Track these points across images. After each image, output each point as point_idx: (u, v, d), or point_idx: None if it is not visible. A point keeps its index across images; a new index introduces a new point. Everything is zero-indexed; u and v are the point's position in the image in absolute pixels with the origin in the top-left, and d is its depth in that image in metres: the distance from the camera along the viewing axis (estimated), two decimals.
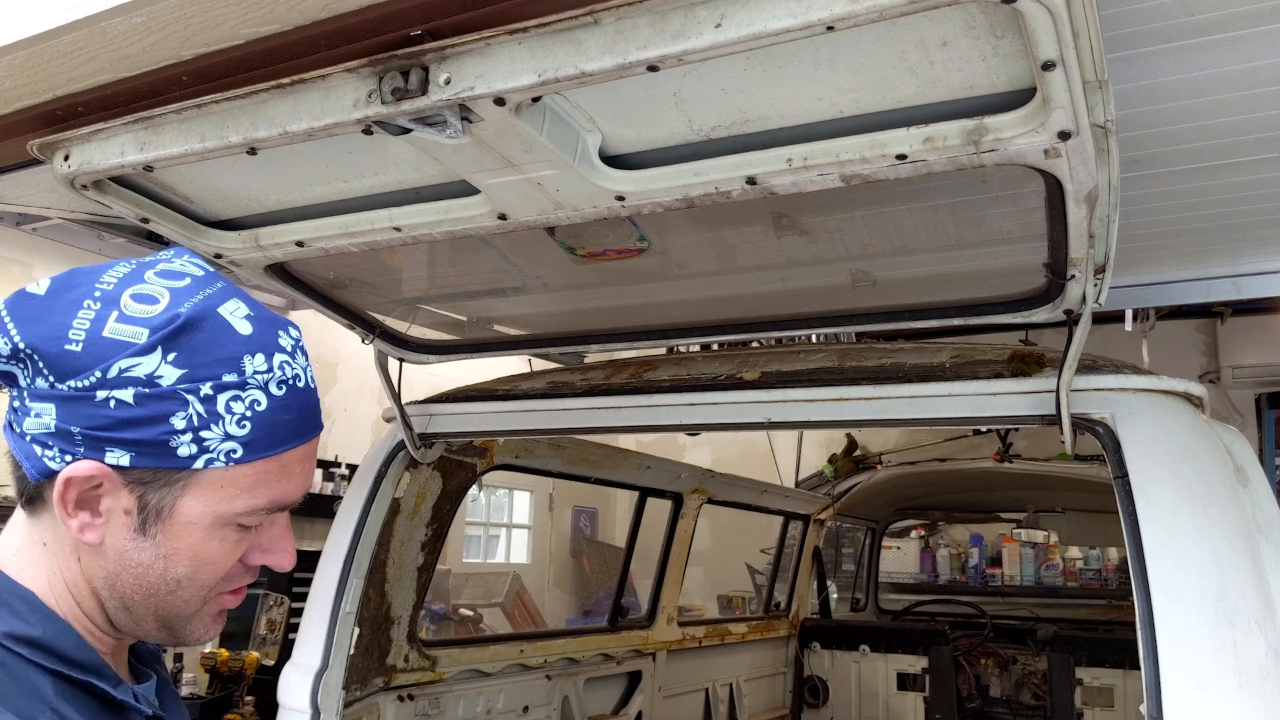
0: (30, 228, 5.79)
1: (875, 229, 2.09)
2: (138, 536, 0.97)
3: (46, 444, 0.94)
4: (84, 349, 0.92)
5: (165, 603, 1.00)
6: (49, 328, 0.93)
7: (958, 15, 1.27)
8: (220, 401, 0.95)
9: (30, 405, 0.94)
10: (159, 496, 0.96)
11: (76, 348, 0.92)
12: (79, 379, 0.92)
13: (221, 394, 0.95)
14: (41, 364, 0.92)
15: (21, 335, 0.93)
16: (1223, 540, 1.89)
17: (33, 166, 1.95)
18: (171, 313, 0.94)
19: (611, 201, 1.71)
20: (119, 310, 0.94)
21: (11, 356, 0.93)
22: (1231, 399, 7.43)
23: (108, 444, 0.93)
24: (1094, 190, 1.61)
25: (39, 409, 0.93)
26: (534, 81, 1.37)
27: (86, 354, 0.92)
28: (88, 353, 0.92)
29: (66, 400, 0.92)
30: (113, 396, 0.92)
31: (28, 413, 0.94)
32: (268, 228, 2.06)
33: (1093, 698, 4.84)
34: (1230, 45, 1.95)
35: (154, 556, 0.98)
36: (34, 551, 0.99)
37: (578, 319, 2.86)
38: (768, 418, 2.50)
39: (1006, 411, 2.25)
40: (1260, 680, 1.77)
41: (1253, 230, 2.89)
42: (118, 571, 0.99)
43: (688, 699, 4.82)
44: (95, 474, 0.94)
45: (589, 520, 11.38)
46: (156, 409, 0.93)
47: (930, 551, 7.53)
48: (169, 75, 1.65)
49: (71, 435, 0.93)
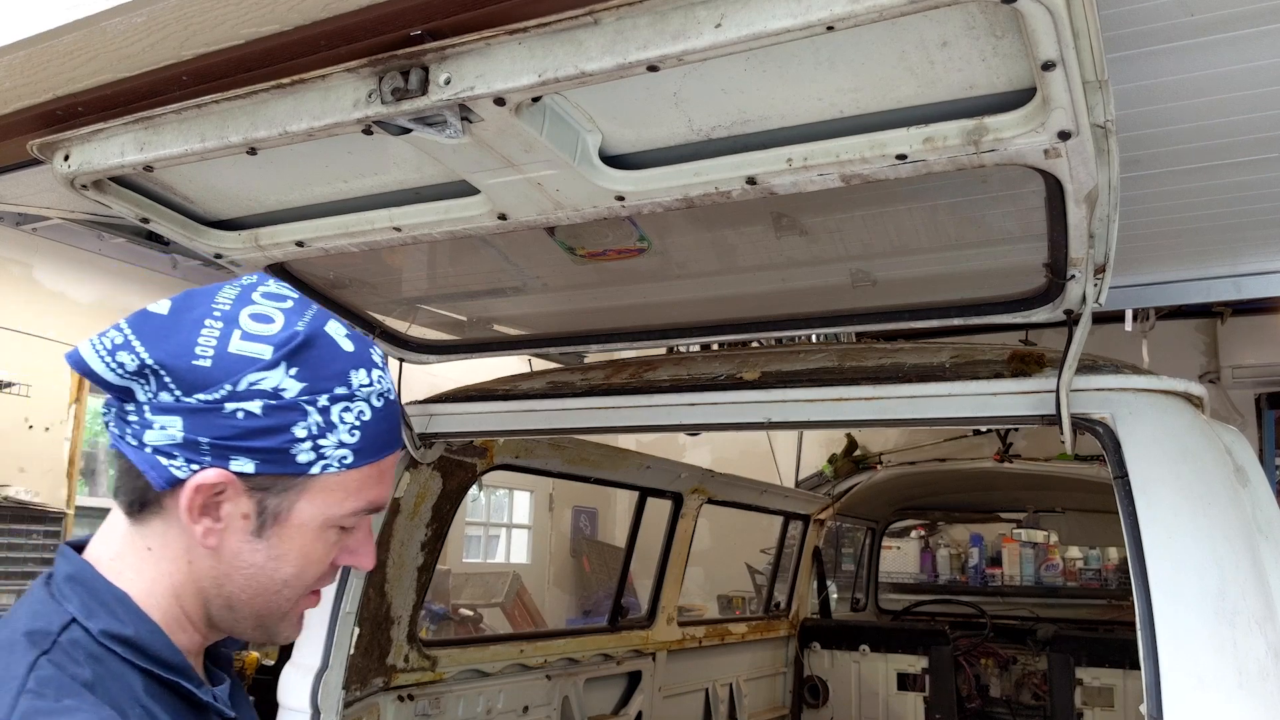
0: (30, 228, 5.80)
1: (875, 229, 2.09)
2: (253, 539, 1.04)
3: (172, 454, 1.00)
4: (213, 364, 0.98)
5: (270, 602, 1.07)
6: (177, 345, 0.99)
7: (958, 15, 1.27)
8: (334, 412, 1.03)
9: (152, 418, 0.99)
10: (277, 501, 1.04)
11: (206, 363, 0.98)
12: (208, 392, 0.98)
13: (335, 405, 1.03)
14: (168, 379, 0.98)
15: (150, 352, 0.98)
16: (1223, 540, 1.88)
17: (33, 166, 1.95)
18: (290, 331, 1.02)
19: (611, 201, 1.71)
20: (240, 329, 1.01)
21: (136, 373, 0.98)
22: (1231, 399, 7.43)
23: (233, 452, 1.00)
24: (1094, 190, 1.61)
25: (163, 421, 0.99)
26: (534, 81, 1.37)
27: (216, 369, 0.98)
28: (217, 368, 0.98)
29: (194, 412, 0.98)
30: (241, 408, 0.99)
31: (149, 425, 1.00)
32: (268, 228, 2.06)
33: (1093, 698, 4.84)
34: (1230, 45, 1.95)
35: (265, 558, 1.05)
36: (136, 556, 1.04)
37: (578, 319, 2.86)
38: (768, 418, 2.50)
39: (1006, 411, 2.25)
40: (1260, 680, 1.77)
41: (1253, 230, 2.89)
42: (229, 573, 1.05)
43: (688, 699, 4.82)
44: (221, 481, 1.00)
45: (589, 520, 11.38)
46: (281, 419, 1.00)
47: (930, 551, 7.53)
48: (169, 75, 1.65)
49: (199, 445, 0.99)
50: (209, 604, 1.06)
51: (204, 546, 1.03)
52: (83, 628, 0.97)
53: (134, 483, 1.03)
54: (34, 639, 0.95)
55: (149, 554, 1.04)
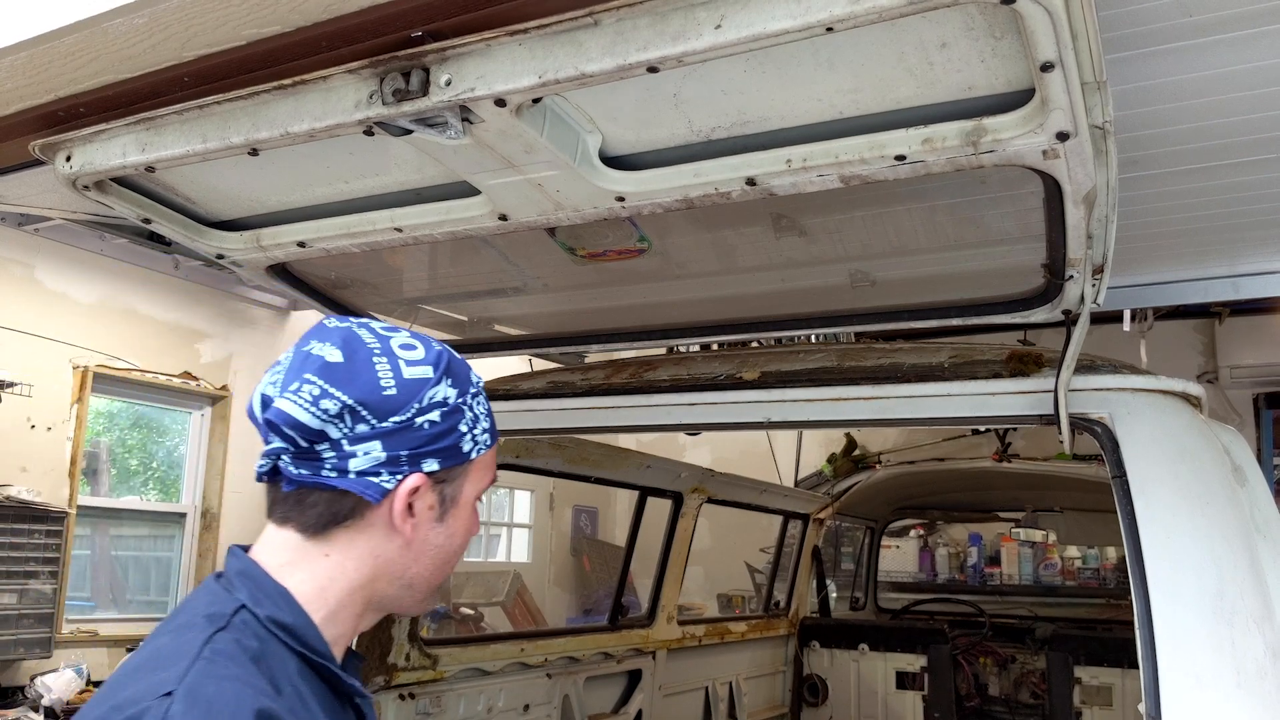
0: (32, 228, 5.80)
1: (874, 229, 2.09)
2: (436, 524, 1.24)
3: (378, 472, 1.18)
4: (398, 391, 1.18)
5: (444, 573, 1.29)
6: (365, 383, 1.16)
7: (957, 16, 1.27)
8: (476, 405, 1.26)
9: (352, 449, 1.17)
10: (452, 488, 1.25)
11: (392, 391, 1.17)
12: (400, 414, 1.17)
13: (475, 399, 1.26)
14: (365, 412, 1.16)
15: (347, 394, 1.15)
16: (1221, 540, 1.89)
17: (34, 167, 1.95)
18: (435, 352, 1.23)
19: (612, 202, 1.72)
20: (402, 359, 1.20)
21: (337, 415, 1.15)
22: (1229, 399, 7.43)
23: (424, 457, 1.20)
24: (1092, 191, 1.62)
25: (364, 448, 1.17)
26: (534, 83, 1.37)
27: (401, 394, 1.18)
28: (402, 393, 1.18)
29: (391, 434, 1.17)
30: (426, 420, 1.19)
31: (351, 455, 1.17)
32: (269, 228, 2.07)
33: (1091, 696, 4.85)
34: (1228, 46, 1.96)
35: (445, 537, 1.26)
36: (311, 562, 1.20)
37: (578, 319, 2.87)
38: (767, 417, 2.50)
39: (1005, 411, 2.26)
40: (1258, 679, 1.77)
41: (1251, 230, 2.90)
42: (416, 557, 1.24)
43: (688, 697, 4.82)
44: (419, 483, 1.20)
45: (589, 519, 11.38)
46: (452, 421, 1.21)
47: (929, 550, 7.53)
48: (171, 76, 1.65)
49: (399, 459, 1.18)
50: (384, 591, 1.24)
51: (406, 540, 1.22)
52: (251, 613, 1.12)
53: (332, 507, 1.19)
54: (212, 619, 1.10)
55: (326, 559, 1.20)
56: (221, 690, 1.00)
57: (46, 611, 5.69)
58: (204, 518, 6.96)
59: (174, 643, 1.07)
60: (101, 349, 6.26)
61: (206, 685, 1.00)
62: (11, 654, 5.52)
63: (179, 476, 7.04)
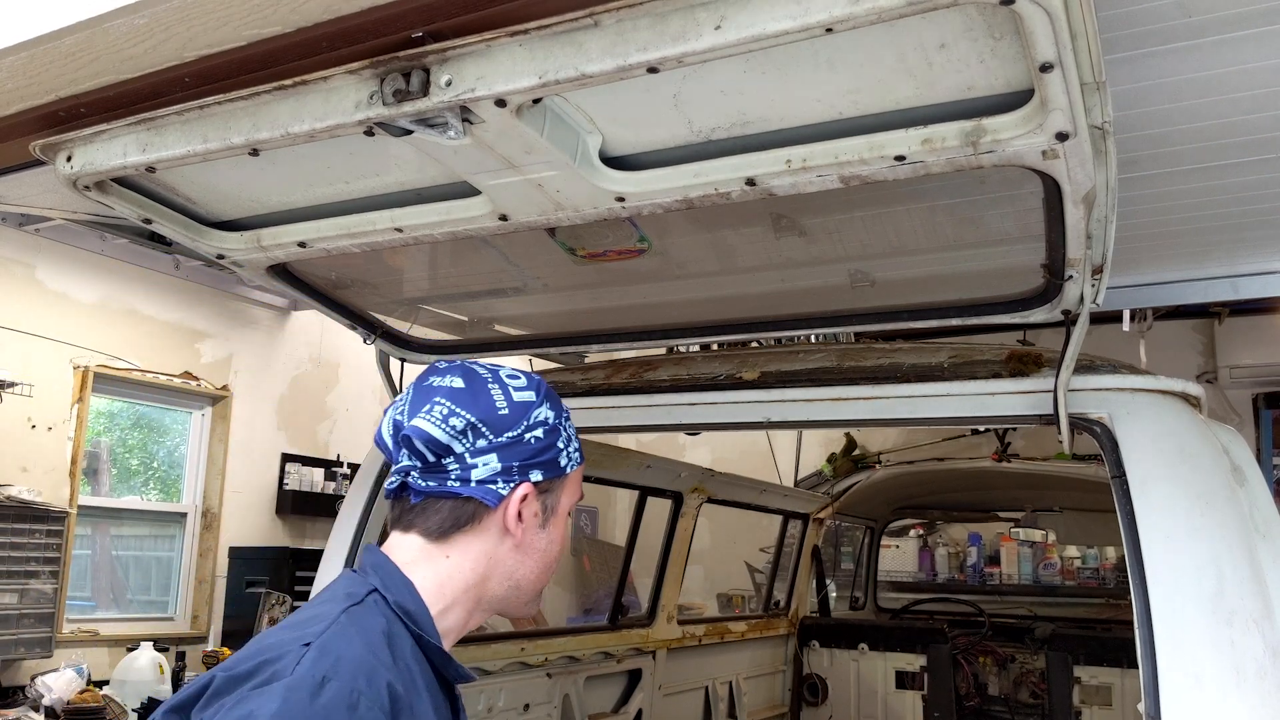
0: (33, 228, 5.80)
1: (874, 230, 2.09)
2: (540, 531, 1.42)
3: (495, 480, 1.36)
4: (509, 411, 1.37)
5: (546, 577, 1.45)
6: (485, 405, 1.36)
7: (956, 17, 1.28)
8: (569, 426, 1.45)
9: (474, 461, 1.35)
10: (554, 499, 1.43)
11: (505, 411, 1.37)
12: (512, 430, 1.36)
13: (567, 421, 1.45)
14: (484, 429, 1.35)
15: (471, 414, 1.35)
16: (1220, 540, 1.89)
17: (35, 167, 1.95)
18: (535, 380, 1.43)
19: (612, 202, 1.72)
20: (509, 385, 1.39)
21: (462, 431, 1.34)
22: (1229, 399, 7.43)
23: (531, 468, 1.38)
24: (1091, 191, 1.62)
25: (484, 460, 1.35)
26: (534, 83, 1.37)
27: (512, 414, 1.37)
28: (513, 413, 1.37)
29: (505, 447, 1.36)
30: (533, 435, 1.38)
31: (473, 466, 1.35)
32: (270, 228, 2.07)
33: (1090, 696, 4.85)
34: (1228, 47, 1.96)
35: (547, 543, 1.43)
36: (432, 562, 1.36)
37: (578, 319, 2.87)
38: (767, 417, 2.51)
39: (1004, 411, 2.26)
40: (1258, 679, 1.78)
41: (1250, 230, 2.90)
42: (524, 559, 1.41)
43: (687, 697, 4.83)
44: (529, 491, 1.38)
45: (589, 519, 11.39)
46: (553, 438, 1.40)
47: (929, 550, 7.53)
48: (171, 76, 1.65)
49: (511, 469, 1.36)
50: (494, 591, 1.40)
51: (516, 542, 1.39)
52: (382, 595, 1.30)
53: (455, 513, 1.36)
54: (350, 597, 1.28)
55: (447, 560, 1.37)
56: (351, 650, 1.17)
57: (47, 611, 5.69)
58: (204, 518, 6.96)
59: (317, 611, 1.25)
60: (102, 349, 6.26)
61: (339, 643, 1.17)
62: (12, 654, 5.52)
63: (179, 476, 7.05)
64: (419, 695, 1.23)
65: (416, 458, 1.34)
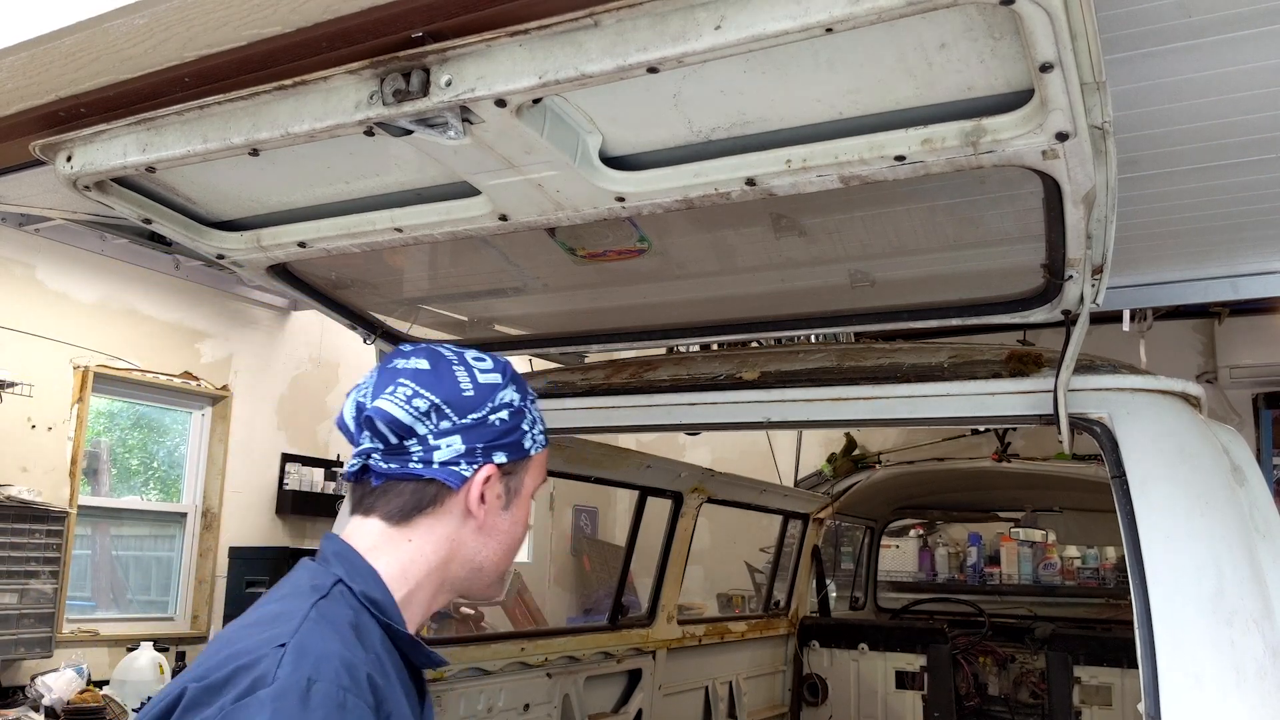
0: (33, 228, 5.80)
1: (874, 230, 2.09)
2: (503, 512, 1.40)
3: (457, 462, 1.34)
4: (475, 393, 1.36)
5: (508, 559, 1.43)
6: (449, 386, 1.35)
7: (956, 17, 1.28)
8: (534, 409, 1.44)
9: (437, 442, 1.33)
10: (517, 480, 1.41)
11: (470, 393, 1.36)
12: (476, 412, 1.35)
13: (533, 404, 1.44)
14: (448, 410, 1.34)
15: (435, 394, 1.33)
16: (1220, 540, 1.89)
17: (35, 167, 1.95)
18: (501, 363, 1.42)
19: (612, 202, 1.72)
20: (474, 367, 1.38)
21: (426, 412, 1.32)
22: (1229, 399, 7.43)
23: (495, 450, 1.36)
24: (1091, 191, 1.62)
25: (447, 441, 1.33)
26: (534, 83, 1.37)
27: (477, 395, 1.36)
28: (478, 394, 1.36)
29: (469, 429, 1.35)
30: (498, 417, 1.37)
31: (436, 448, 1.33)
32: (270, 228, 2.07)
33: (1090, 696, 4.85)
34: (1228, 46, 1.96)
35: (510, 524, 1.41)
36: (394, 546, 1.35)
37: (578, 319, 2.87)
38: (767, 417, 2.51)
39: (1004, 411, 2.26)
40: (1258, 679, 1.77)
41: (1250, 230, 2.90)
42: (487, 541, 1.39)
43: (687, 697, 4.82)
44: (492, 472, 1.37)
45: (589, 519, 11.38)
46: (517, 420, 1.39)
47: (929, 550, 7.53)
48: (171, 76, 1.65)
49: (475, 451, 1.35)
50: (457, 573, 1.39)
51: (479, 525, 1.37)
52: (346, 586, 1.28)
53: (417, 495, 1.35)
54: (315, 589, 1.25)
55: (409, 544, 1.35)
56: (329, 647, 1.15)
57: (47, 611, 5.69)
58: (204, 517, 6.96)
59: (283, 608, 1.22)
60: (102, 349, 6.26)
61: (314, 642, 1.14)
62: (12, 654, 5.52)
63: (179, 476, 7.05)
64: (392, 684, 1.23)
65: (379, 439, 1.33)
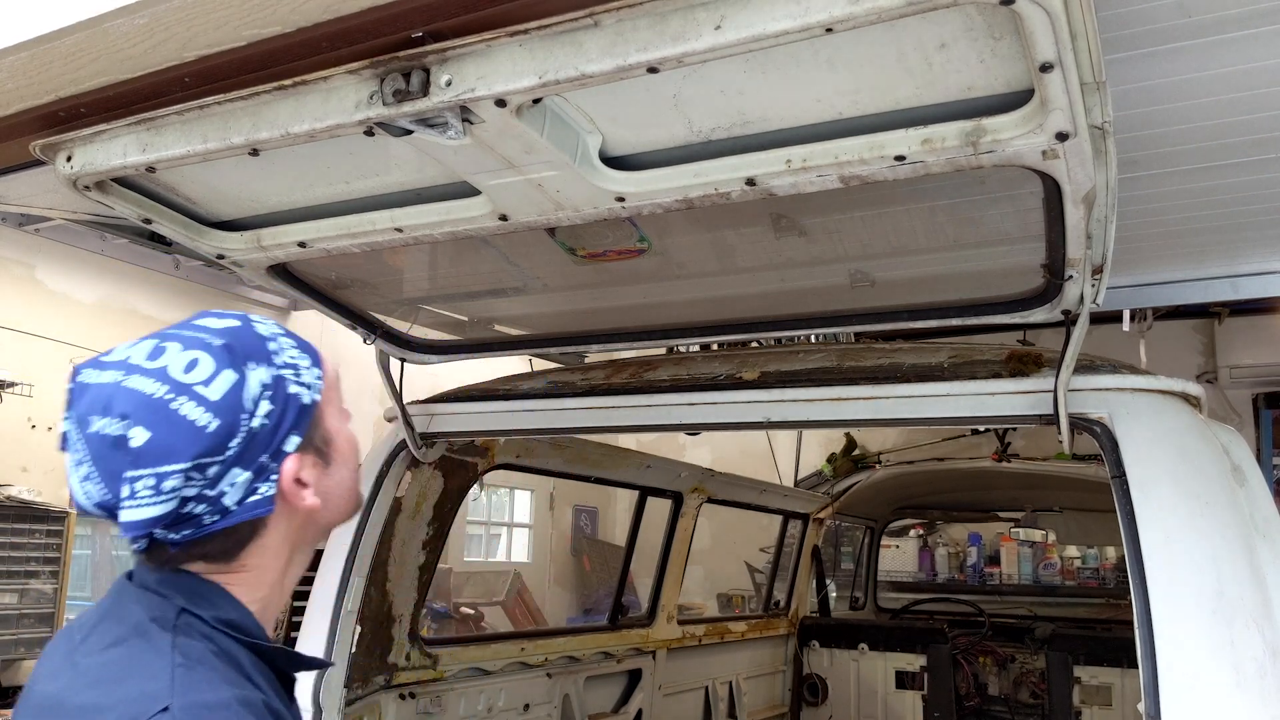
0: (33, 228, 5.80)
1: (874, 230, 2.09)
2: (327, 468, 1.23)
3: (254, 489, 1.15)
4: (220, 418, 1.11)
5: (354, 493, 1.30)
6: (188, 437, 1.11)
7: (956, 17, 1.28)
8: (287, 357, 1.21)
9: (216, 490, 1.13)
10: (320, 435, 1.22)
11: (214, 423, 1.11)
12: (234, 436, 1.12)
13: (281, 353, 1.21)
14: (205, 459, 1.12)
15: (181, 461, 1.09)
16: (1220, 539, 1.89)
17: (35, 167, 1.95)
18: (218, 348, 1.18)
19: (612, 202, 1.72)
20: (196, 386, 1.14)
21: (183, 485, 1.11)
22: (1229, 399, 7.43)
23: (281, 442, 1.16)
24: (1091, 191, 1.62)
25: (226, 481, 1.13)
26: (534, 83, 1.37)
27: (224, 418, 1.12)
28: (224, 417, 1.12)
29: (241, 454, 1.13)
30: (261, 417, 1.14)
31: (220, 494, 1.13)
32: (270, 228, 2.07)
33: (1091, 696, 4.85)
34: (1228, 46, 1.96)
35: (338, 467, 1.25)
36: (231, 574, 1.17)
37: (578, 319, 2.87)
38: (767, 417, 2.51)
39: (1004, 411, 2.26)
40: (1258, 678, 1.78)
41: (1250, 230, 2.90)
42: (325, 506, 1.23)
43: (687, 697, 4.83)
44: (294, 463, 1.18)
45: (589, 519, 11.39)
46: (280, 394, 1.17)
47: (929, 550, 7.53)
48: (171, 76, 1.65)
49: (264, 465, 1.15)
50: (309, 545, 1.27)
51: (309, 507, 1.20)
52: (192, 614, 1.11)
53: (229, 540, 1.15)
54: (161, 624, 1.09)
55: (246, 572, 1.18)
56: (219, 696, 1.01)
57: (47, 611, 5.70)
58: None
59: (129, 653, 1.05)
60: (102, 349, 6.26)
61: (202, 693, 1.00)
62: (12, 653, 5.53)
63: None
64: (285, 705, 1.14)
65: (154, 530, 1.10)
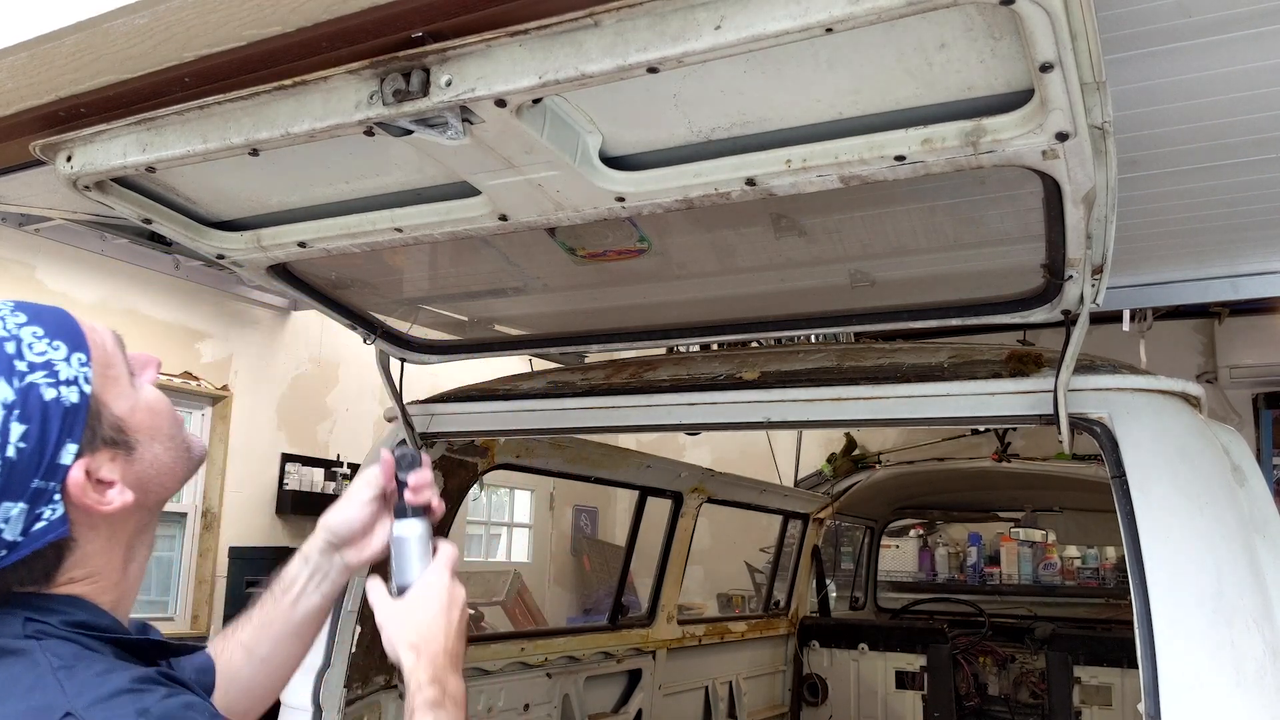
0: (33, 228, 5.79)
1: (874, 230, 2.09)
2: (130, 451, 1.08)
3: (39, 515, 1.01)
4: None
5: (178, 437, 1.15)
6: None
7: (956, 17, 1.28)
8: (34, 356, 1.03)
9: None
10: (107, 426, 1.06)
11: None
12: None
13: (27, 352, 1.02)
14: None
15: None
16: (1220, 539, 1.89)
17: (35, 167, 1.95)
18: None
19: (612, 202, 1.72)
20: None
21: None
22: (1229, 399, 7.43)
23: (56, 455, 1.01)
24: (1091, 191, 1.62)
25: (1, 515, 1.00)
26: (534, 83, 1.37)
27: None
28: None
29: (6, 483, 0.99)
30: (15, 445, 0.98)
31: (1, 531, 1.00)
32: (270, 228, 2.07)
33: (1090, 696, 4.85)
34: (1228, 46, 1.96)
35: (151, 450, 1.10)
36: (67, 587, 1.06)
37: (578, 319, 2.87)
38: (767, 417, 2.51)
39: (1004, 411, 2.26)
40: (1258, 679, 1.77)
41: (1250, 230, 2.90)
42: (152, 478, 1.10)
43: (687, 697, 4.83)
44: (80, 475, 1.02)
45: (589, 519, 11.39)
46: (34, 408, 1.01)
47: (929, 550, 7.53)
48: (171, 76, 1.65)
49: (40, 489, 1.00)
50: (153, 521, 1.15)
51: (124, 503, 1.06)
52: (40, 623, 1.01)
53: (35, 568, 1.03)
54: (16, 637, 1.00)
55: (76, 584, 1.06)
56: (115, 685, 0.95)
57: None
58: (204, 518, 6.96)
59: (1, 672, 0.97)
60: None
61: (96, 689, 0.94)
62: None
63: None
64: None
65: None
